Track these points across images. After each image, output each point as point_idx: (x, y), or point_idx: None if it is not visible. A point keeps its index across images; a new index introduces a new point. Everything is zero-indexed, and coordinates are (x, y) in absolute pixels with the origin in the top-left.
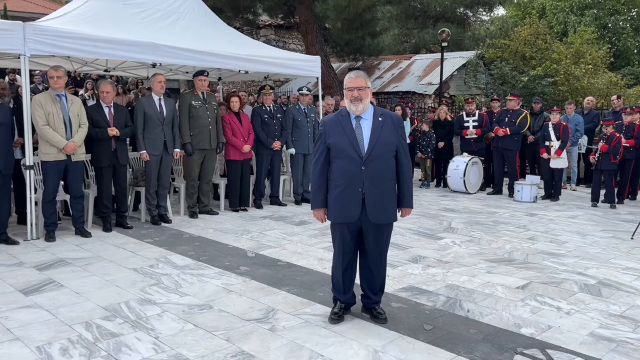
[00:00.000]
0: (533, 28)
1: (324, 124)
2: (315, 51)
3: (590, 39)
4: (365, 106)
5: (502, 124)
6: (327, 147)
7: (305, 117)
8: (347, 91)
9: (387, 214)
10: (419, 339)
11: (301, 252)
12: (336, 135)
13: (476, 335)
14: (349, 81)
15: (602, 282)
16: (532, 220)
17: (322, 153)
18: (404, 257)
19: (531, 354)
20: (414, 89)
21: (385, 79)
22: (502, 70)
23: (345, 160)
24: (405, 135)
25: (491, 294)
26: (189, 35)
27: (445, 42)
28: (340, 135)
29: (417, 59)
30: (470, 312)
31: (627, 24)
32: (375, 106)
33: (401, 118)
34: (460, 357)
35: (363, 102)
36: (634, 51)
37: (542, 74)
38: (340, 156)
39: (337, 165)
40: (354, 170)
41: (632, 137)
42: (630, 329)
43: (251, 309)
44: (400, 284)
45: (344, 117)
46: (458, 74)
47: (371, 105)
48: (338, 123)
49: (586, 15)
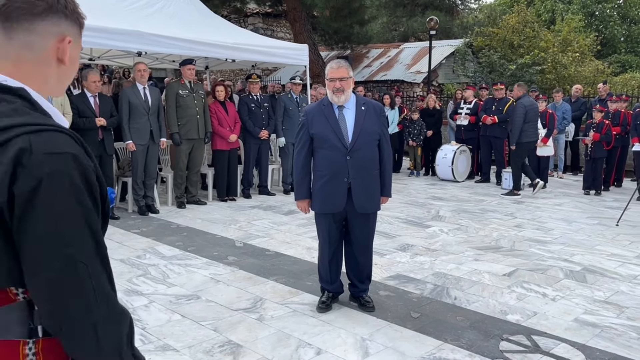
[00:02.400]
0: (521, 16)
1: (307, 114)
2: (303, 39)
3: (578, 27)
4: (347, 96)
5: (490, 112)
6: (310, 137)
7: (297, 106)
8: (329, 82)
9: (372, 203)
10: (406, 327)
11: (289, 241)
12: (319, 125)
13: (463, 322)
14: (331, 71)
15: (587, 268)
16: (519, 207)
17: (306, 143)
18: (392, 246)
19: (517, 340)
20: (403, 78)
21: (374, 67)
22: (490, 58)
23: (329, 150)
24: (387, 124)
25: (478, 281)
26: (175, 23)
27: (434, 30)
28: (324, 125)
29: (405, 48)
30: (457, 299)
31: (614, 11)
32: (357, 95)
33: (383, 107)
34: (447, 344)
35: (345, 92)
36: (621, 39)
37: (530, 62)
38: (324, 146)
39: (322, 155)
40: (339, 160)
41: (618, 124)
42: (615, 315)
43: (239, 299)
44: (388, 272)
45: (326, 106)
46: (446, 62)
47: (353, 94)
48: (321, 113)
49: (574, 3)
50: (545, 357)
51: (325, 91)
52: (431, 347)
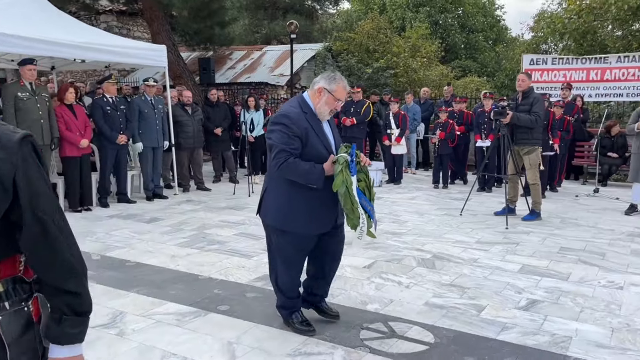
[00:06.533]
0: (375, 22)
1: (293, 121)
2: (161, 40)
3: (425, 34)
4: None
5: (349, 114)
6: (300, 144)
7: (153, 108)
8: (334, 100)
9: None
10: (273, 326)
11: (152, 250)
12: (312, 137)
13: (327, 316)
14: (344, 92)
15: (436, 255)
16: (377, 203)
17: (297, 150)
18: (259, 247)
19: (375, 327)
20: (267, 80)
21: (237, 69)
22: (348, 62)
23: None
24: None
25: (341, 275)
26: (13, 19)
27: (294, 34)
28: (315, 138)
29: (268, 50)
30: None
31: (454, 21)
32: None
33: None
34: (312, 338)
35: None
36: (461, 46)
37: (384, 66)
38: (315, 160)
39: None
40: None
41: (462, 124)
42: (458, 296)
43: (95, 315)
44: (256, 274)
45: (308, 114)
46: (308, 65)
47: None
48: (307, 122)
49: (420, 12)
50: (400, 340)
51: (189, 94)
52: (297, 343)
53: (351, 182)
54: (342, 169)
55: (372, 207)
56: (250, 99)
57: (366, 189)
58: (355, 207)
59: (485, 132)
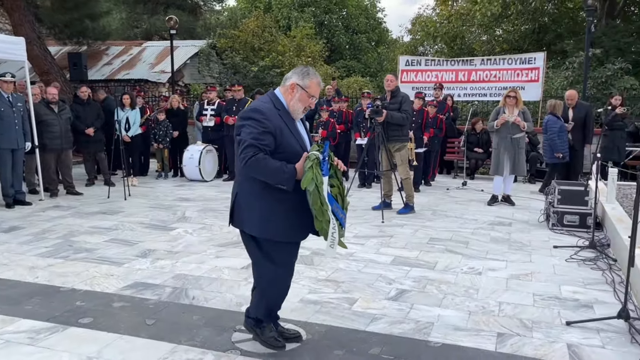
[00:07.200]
0: (260, 21)
1: (266, 116)
2: (24, 32)
3: (310, 34)
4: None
5: (231, 113)
6: (274, 142)
7: (11, 106)
8: (308, 96)
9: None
10: (139, 336)
11: (7, 262)
12: (287, 136)
13: (199, 321)
14: (318, 88)
15: (315, 251)
16: None
17: (270, 145)
18: (132, 253)
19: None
20: (147, 77)
21: (115, 65)
22: (233, 60)
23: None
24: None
25: (217, 277)
26: None
27: (174, 29)
28: (290, 137)
29: (148, 46)
30: (195, 299)
31: (339, 22)
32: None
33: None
34: (182, 345)
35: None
36: (346, 47)
37: (270, 65)
38: (292, 160)
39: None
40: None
41: (342, 122)
42: (333, 290)
43: None
44: (125, 282)
45: (282, 111)
46: (191, 62)
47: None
48: (281, 119)
49: (306, 12)
50: None
51: (54, 91)
52: (164, 351)
53: (322, 181)
54: (313, 166)
55: (344, 215)
56: (125, 96)
57: (339, 196)
58: (325, 208)
59: (364, 130)
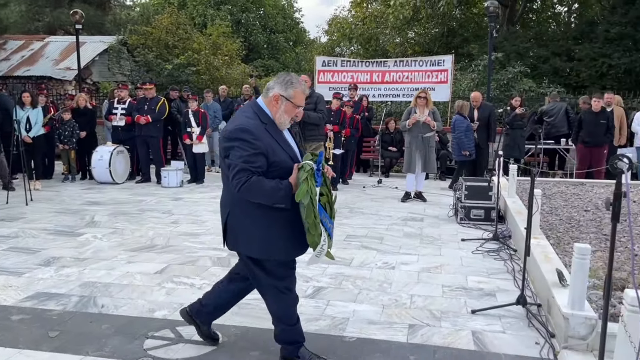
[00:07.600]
0: (173, 17)
1: (256, 136)
2: None
3: (226, 33)
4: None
5: (142, 112)
6: (266, 163)
7: None
8: (294, 107)
9: None
10: (40, 350)
11: None
12: (278, 152)
13: (108, 329)
14: (303, 96)
15: (232, 253)
16: (177, 204)
17: (263, 167)
18: (34, 262)
19: (161, 334)
20: (51, 74)
21: (13, 61)
22: (146, 57)
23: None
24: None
25: (129, 284)
26: None
27: (80, 24)
28: (281, 152)
29: (51, 41)
30: (104, 307)
31: (256, 21)
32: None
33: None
34: (89, 356)
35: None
36: (264, 46)
37: (185, 63)
38: (284, 175)
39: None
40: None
41: None
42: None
43: None
44: (26, 293)
45: (268, 124)
46: (100, 59)
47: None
48: (269, 135)
49: (222, 10)
50: (187, 344)
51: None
52: None
53: (316, 192)
54: (308, 177)
55: (332, 224)
56: (25, 94)
57: (327, 204)
58: (317, 221)
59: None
